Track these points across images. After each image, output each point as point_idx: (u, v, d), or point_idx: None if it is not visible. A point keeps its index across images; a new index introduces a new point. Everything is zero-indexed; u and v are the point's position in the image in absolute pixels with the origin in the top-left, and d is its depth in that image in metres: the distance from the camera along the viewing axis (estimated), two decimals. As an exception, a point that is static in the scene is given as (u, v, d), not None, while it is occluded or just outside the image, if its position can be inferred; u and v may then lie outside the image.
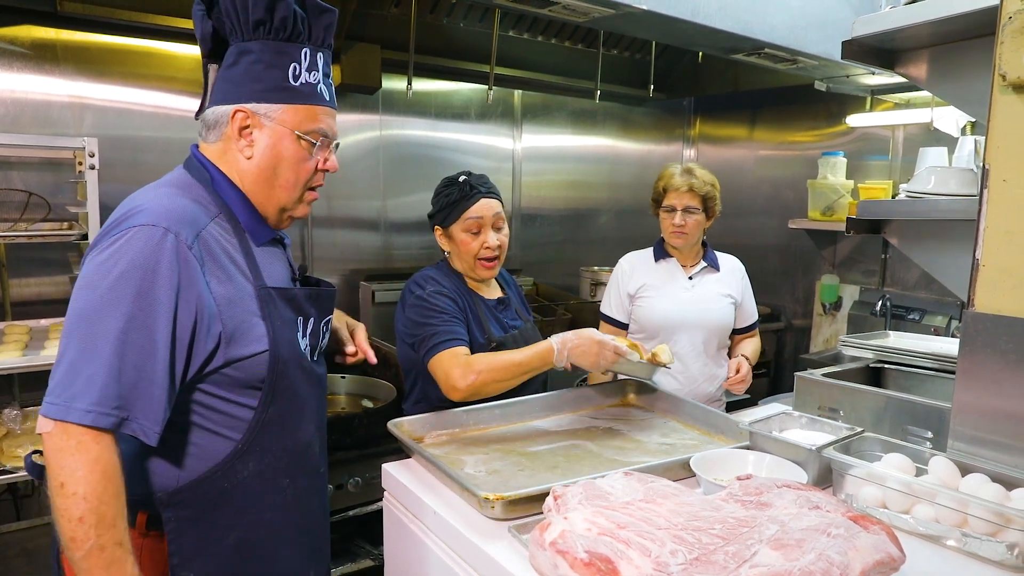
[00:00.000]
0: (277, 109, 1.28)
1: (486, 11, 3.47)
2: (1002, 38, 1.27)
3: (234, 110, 1.28)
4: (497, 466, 1.52)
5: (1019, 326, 1.29)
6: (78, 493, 1.06)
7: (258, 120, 1.28)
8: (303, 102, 1.30)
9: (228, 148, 1.31)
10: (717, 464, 1.41)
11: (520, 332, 2.01)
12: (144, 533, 1.21)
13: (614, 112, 4.45)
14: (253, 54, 1.26)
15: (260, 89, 1.27)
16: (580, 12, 2.24)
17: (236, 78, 1.27)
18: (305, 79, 1.29)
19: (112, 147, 2.74)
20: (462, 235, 1.94)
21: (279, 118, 1.28)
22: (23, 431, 2.29)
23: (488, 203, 1.94)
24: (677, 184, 2.37)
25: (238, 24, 1.25)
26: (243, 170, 1.32)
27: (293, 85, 1.28)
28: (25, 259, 2.68)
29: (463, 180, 1.95)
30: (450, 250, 2.00)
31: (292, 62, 1.28)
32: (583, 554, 0.96)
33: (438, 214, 1.99)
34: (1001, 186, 1.31)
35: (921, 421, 1.63)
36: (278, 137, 1.29)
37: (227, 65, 1.28)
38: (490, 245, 1.93)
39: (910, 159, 3.54)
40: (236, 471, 1.25)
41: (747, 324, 2.54)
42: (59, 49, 2.73)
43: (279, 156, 1.30)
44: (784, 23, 2.58)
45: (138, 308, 1.12)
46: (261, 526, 1.29)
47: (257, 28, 1.25)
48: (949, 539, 1.18)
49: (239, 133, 1.29)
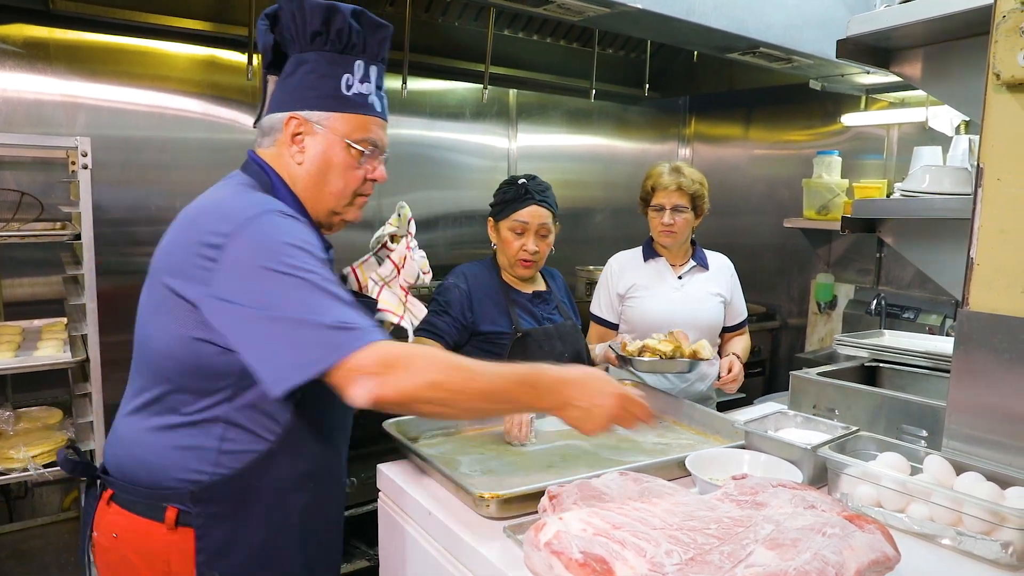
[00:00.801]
0: (328, 117, 1.32)
1: (481, 10, 3.47)
2: (996, 37, 1.27)
3: (288, 116, 1.32)
4: (492, 466, 1.51)
5: (1013, 324, 1.29)
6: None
7: (310, 127, 1.32)
8: (354, 111, 1.34)
9: (281, 153, 1.36)
10: (712, 463, 1.41)
11: (556, 328, 2.14)
12: (172, 528, 1.21)
13: (609, 111, 4.45)
14: (309, 64, 1.31)
15: (313, 97, 1.32)
16: (575, 11, 2.23)
17: (292, 87, 1.33)
18: (357, 90, 1.34)
19: (105, 147, 2.73)
20: (507, 233, 2.10)
21: (330, 126, 1.33)
22: (15, 432, 2.27)
23: (538, 211, 2.08)
24: (665, 183, 2.37)
25: (297, 35, 1.31)
26: (294, 175, 1.36)
27: (345, 94, 1.33)
28: (18, 259, 2.67)
29: (521, 183, 2.10)
30: (497, 243, 2.16)
31: (345, 73, 1.32)
32: (578, 554, 0.95)
33: (494, 206, 2.15)
34: (995, 185, 1.31)
35: (916, 420, 1.63)
36: (328, 144, 1.33)
37: (285, 75, 1.34)
38: (527, 250, 2.08)
39: (905, 158, 3.54)
40: (268, 471, 1.27)
41: (737, 322, 2.54)
42: (52, 48, 2.72)
43: (329, 163, 1.34)
44: (779, 22, 2.58)
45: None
46: (286, 528, 1.31)
47: (314, 39, 1.30)
48: (944, 538, 1.19)
49: (292, 139, 1.34)
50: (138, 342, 1.30)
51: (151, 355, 1.26)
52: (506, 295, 2.12)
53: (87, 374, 2.25)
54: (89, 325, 2.20)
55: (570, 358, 2.13)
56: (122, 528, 1.25)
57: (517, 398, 1.21)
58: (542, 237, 2.11)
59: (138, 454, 1.25)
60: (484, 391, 1.16)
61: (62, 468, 1.37)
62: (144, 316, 1.27)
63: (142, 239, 2.91)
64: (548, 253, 2.16)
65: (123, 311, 2.74)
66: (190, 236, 1.21)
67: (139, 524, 1.23)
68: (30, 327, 2.48)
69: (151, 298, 1.25)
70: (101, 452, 2.25)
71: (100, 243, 2.20)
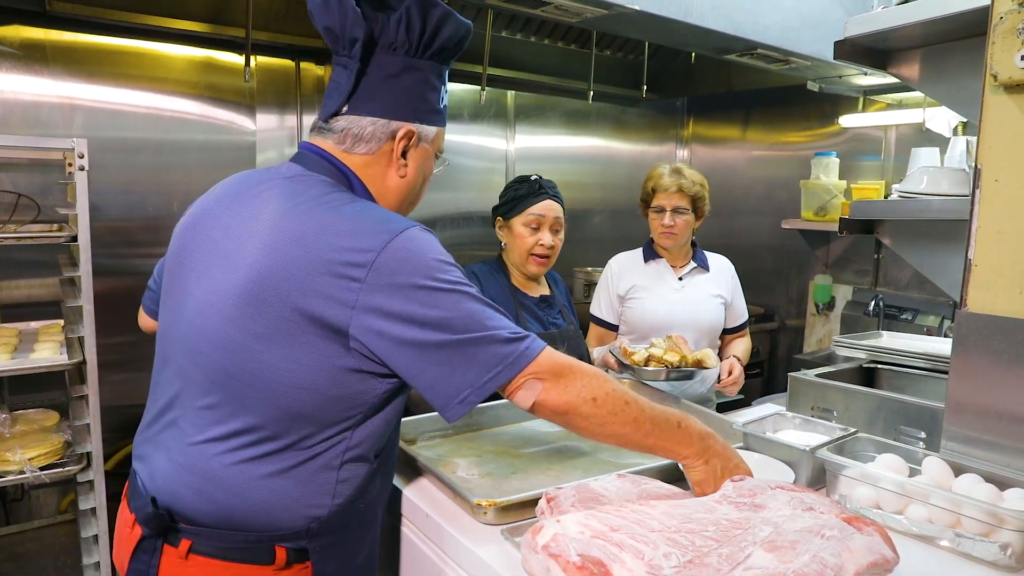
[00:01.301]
0: (434, 131, 1.28)
1: (479, 11, 3.46)
2: (993, 38, 1.27)
3: (405, 130, 1.22)
4: (490, 468, 1.51)
5: (1012, 326, 1.29)
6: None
7: (418, 140, 1.25)
8: (444, 124, 1.31)
9: (377, 162, 1.24)
10: None
11: (560, 332, 2.12)
12: (281, 568, 1.11)
13: (607, 113, 4.45)
14: (422, 73, 1.22)
15: (426, 110, 1.25)
16: (573, 12, 2.23)
17: (405, 93, 1.21)
18: (444, 100, 1.30)
19: (102, 148, 2.73)
20: (521, 228, 2.09)
21: (432, 140, 1.28)
22: (12, 435, 2.27)
23: (552, 205, 2.10)
24: (666, 184, 2.37)
25: (417, 40, 1.19)
26: (390, 187, 1.26)
27: (440, 108, 1.29)
28: (14, 261, 2.66)
29: (534, 179, 2.12)
30: (507, 242, 2.15)
31: (443, 84, 1.28)
32: (575, 557, 0.95)
33: (503, 206, 2.14)
34: (993, 186, 1.31)
35: (914, 421, 1.63)
36: (426, 157, 1.29)
37: (388, 75, 1.20)
38: (544, 243, 2.08)
39: (902, 159, 3.55)
40: (369, 491, 1.21)
41: (737, 324, 2.54)
42: (48, 49, 2.71)
43: (425, 176, 1.31)
44: (777, 23, 2.58)
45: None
46: (376, 541, 1.28)
47: (439, 53, 1.23)
48: (942, 540, 1.18)
49: (401, 151, 1.24)
50: (239, 375, 1.09)
51: (270, 389, 1.08)
52: (514, 298, 2.11)
53: (84, 376, 2.24)
54: (86, 327, 2.19)
55: None
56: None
57: (666, 435, 1.19)
58: (555, 232, 2.11)
59: (250, 496, 1.09)
60: (637, 419, 1.15)
61: (143, 525, 1.12)
62: (254, 346, 1.08)
63: (139, 241, 2.90)
64: (559, 249, 2.15)
65: (120, 313, 2.74)
66: (319, 255, 1.06)
67: (239, 571, 1.10)
68: (27, 329, 2.48)
69: (263, 327, 1.07)
70: (100, 453, 2.24)
71: (97, 245, 2.19)
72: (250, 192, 1.21)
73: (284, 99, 3.26)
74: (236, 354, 1.09)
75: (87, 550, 2.31)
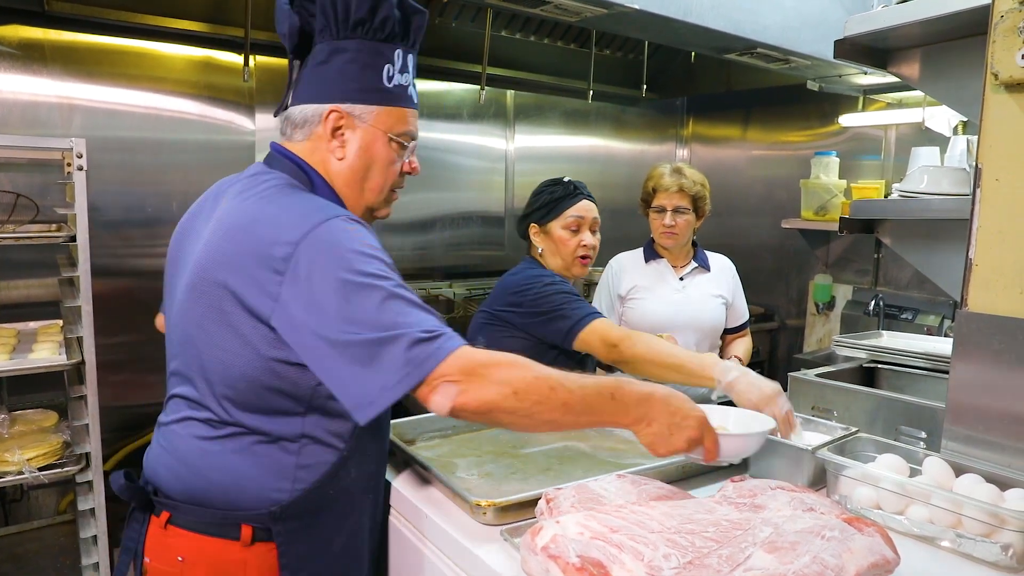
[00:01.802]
0: (372, 111, 1.26)
1: (478, 11, 3.46)
2: (994, 37, 1.27)
3: (328, 110, 1.25)
4: (489, 469, 1.51)
5: (1012, 325, 1.28)
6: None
7: (352, 121, 1.26)
8: (396, 104, 1.28)
9: (317, 147, 1.27)
10: None
11: None
12: (247, 545, 1.16)
13: (607, 112, 4.45)
14: (348, 53, 1.23)
15: (356, 89, 1.25)
16: (572, 12, 2.23)
17: (329, 77, 1.24)
18: (398, 81, 1.28)
19: (101, 148, 2.73)
20: (561, 232, 2.01)
21: (373, 120, 1.26)
22: (11, 435, 2.27)
23: (589, 205, 2.04)
24: (667, 184, 2.36)
25: (335, 22, 1.22)
26: (333, 171, 1.28)
27: (387, 86, 1.27)
28: (13, 261, 2.66)
29: (568, 181, 2.06)
30: (545, 247, 2.06)
31: (387, 63, 1.26)
32: (575, 558, 0.95)
33: (537, 211, 2.05)
34: (994, 185, 1.31)
35: (915, 421, 1.62)
36: (371, 139, 1.27)
37: (317, 63, 1.25)
38: (587, 244, 2.02)
39: (902, 159, 3.55)
40: (340, 478, 1.23)
41: (738, 324, 2.53)
42: (47, 49, 2.71)
43: (372, 158, 1.28)
44: (776, 23, 2.58)
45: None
46: (359, 529, 1.30)
47: (356, 28, 1.22)
48: (943, 540, 1.18)
49: (332, 133, 1.26)
50: (192, 363, 1.18)
51: (217, 377, 1.15)
52: None
53: (83, 376, 2.24)
54: (84, 327, 2.19)
55: (592, 364, 2.11)
56: (190, 551, 1.18)
57: (600, 411, 1.14)
58: (594, 232, 2.06)
59: (209, 476, 1.17)
60: (567, 402, 1.10)
61: (119, 494, 1.23)
62: (201, 334, 1.16)
63: (138, 241, 2.90)
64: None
65: (119, 313, 2.75)
66: (250, 247, 1.11)
67: (211, 544, 1.16)
68: (25, 329, 2.48)
69: (203, 316, 1.15)
70: (99, 454, 2.24)
71: (96, 245, 2.19)
72: (219, 195, 1.28)
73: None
74: (190, 345, 1.18)
75: (86, 551, 2.31)
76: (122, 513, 2.50)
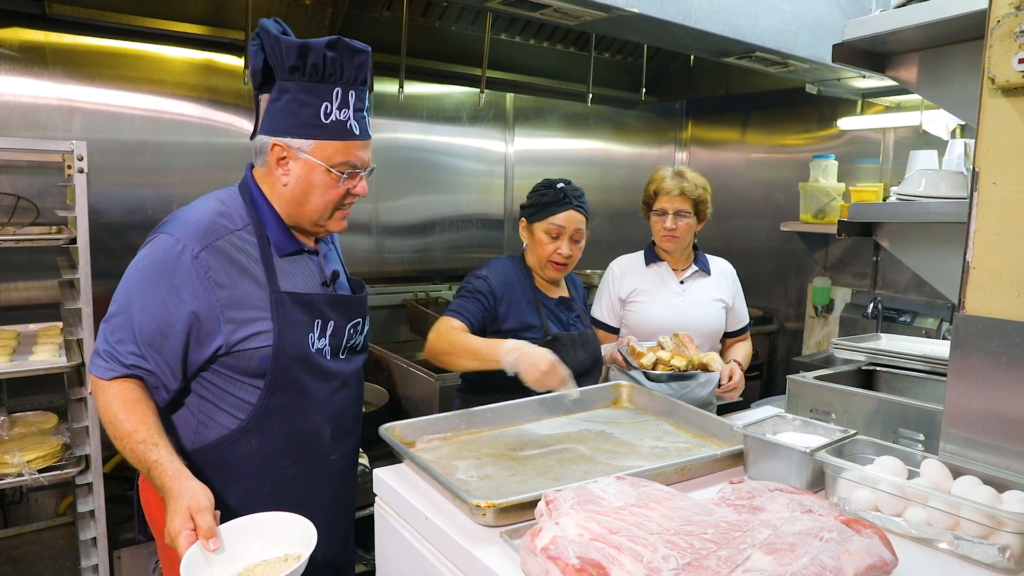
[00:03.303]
0: (309, 144, 1.45)
1: (478, 14, 3.47)
2: (991, 41, 1.28)
3: (272, 143, 1.46)
4: (489, 471, 1.51)
5: (1010, 328, 1.29)
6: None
7: (293, 153, 1.46)
8: (332, 138, 1.46)
9: (269, 173, 1.51)
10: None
11: (580, 335, 2.12)
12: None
13: (606, 115, 4.46)
14: (290, 93, 1.43)
15: (294, 125, 1.44)
16: (572, 15, 2.24)
17: (277, 112, 1.45)
18: (336, 117, 1.45)
19: (101, 150, 2.73)
20: (541, 235, 2.07)
21: (311, 152, 1.45)
22: (11, 437, 2.26)
23: (575, 215, 2.06)
24: (668, 187, 2.37)
25: (278, 66, 1.42)
26: (279, 194, 1.51)
27: (324, 122, 1.44)
28: (13, 263, 2.66)
29: (560, 187, 2.08)
30: (528, 243, 2.15)
31: (324, 101, 1.43)
32: (575, 560, 0.95)
33: (529, 207, 2.12)
34: (991, 189, 1.32)
35: (913, 423, 1.63)
36: (309, 169, 1.47)
37: (272, 99, 1.45)
38: (561, 252, 2.07)
39: (900, 162, 3.56)
40: (239, 445, 1.49)
41: (738, 328, 2.54)
42: (48, 52, 2.71)
43: (310, 185, 1.48)
44: (775, 26, 2.59)
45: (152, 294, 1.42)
46: (260, 496, 1.50)
47: (292, 72, 1.41)
48: (941, 542, 1.18)
49: (276, 163, 1.48)
50: None
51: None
52: (536, 298, 2.10)
53: (83, 378, 2.24)
54: (85, 329, 2.19)
55: (589, 366, 2.13)
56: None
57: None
58: (575, 242, 2.09)
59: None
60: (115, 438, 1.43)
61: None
62: None
63: (138, 243, 2.88)
64: (579, 257, 2.15)
65: (119, 315, 2.74)
66: None
67: None
68: (25, 331, 2.48)
69: None
70: (98, 456, 2.24)
71: (96, 247, 2.19)
72: None
73: (283, 102, 3.26)
74: None
75: (85, 553, 2.31)
76: (121, 515, 2.51)
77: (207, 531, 1.19)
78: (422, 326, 3.33)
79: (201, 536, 1.19)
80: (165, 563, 1.59)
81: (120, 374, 1.40)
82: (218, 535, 1.21)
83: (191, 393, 1.49)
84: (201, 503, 1.23)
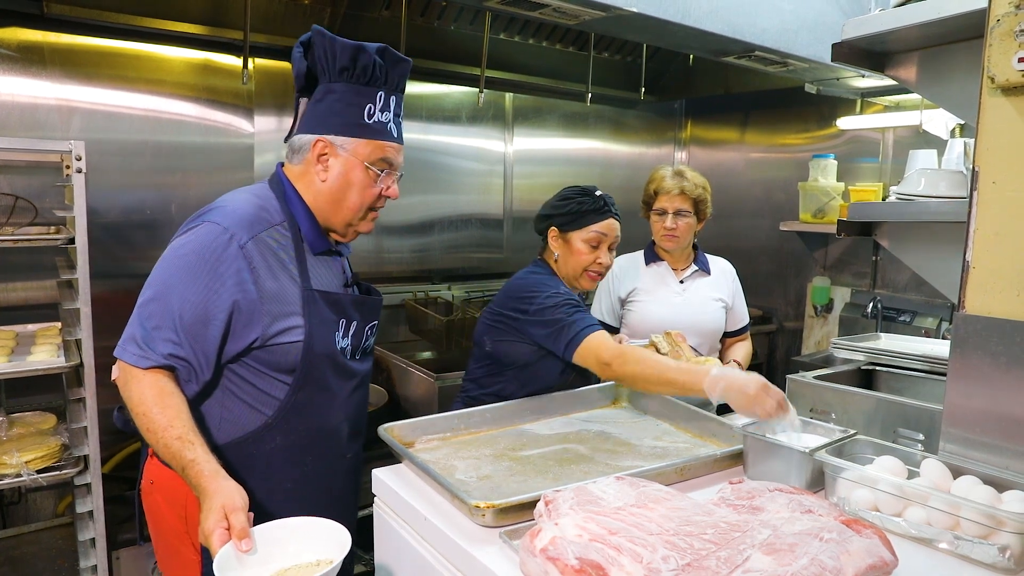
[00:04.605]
0: (351, 142, 1.51)
1: (477, 14, 3.47)
2: (990, 40, 1.28)
3: (316, 139, 1.52)
4: (488, 471, 1.51)
5: (1009, 327, 1.29)
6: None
7: (335, 150, 1.52)
8: (373, 137, 1.52)
9: (307, 171, 1.55)
10: None
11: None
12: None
13: (605, 115, 4.45)
14: (336, 93, 1.49)
15: (339, 123, 1.50)
16: (571, 15, 2.24)
17: (321, 112, 1.51)
18: (377, 118, 1.53)
19: (100, 151, 2.72)
20: (580, 244, 2.00)
21: (352, 149, 1.52)
22: (9, 437, 2.26)
23: (614, 224, 2.03)
24: (668, 187, 2.37)
25: (327, 68, 1.48)
26: (316, 191, 1.55)
27: (367, 122, 1.51)
28: (11, 263, 2.66)
29: (600, 194, 2.03)
30: (560, 253, 2.04)
31: (368, 103, 1.51)
32: (574, 560, 0.95)
33: (561, 216, 2.02)
34: (991, 188, 1.31)
35: (912, 423, 1.63)
36: (350, 166, 1.53)
37: (315, 100, 1.52)
38: (602, 262, 2.01)
39: (900, 161, 3.55)
40: (264, 441, 1.52)
41: (738, 327, 2.54)
42: (46, 51, 2.71)
43: (349, 182, 1.54)
44: (774, 26, 2.58)
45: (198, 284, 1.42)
46: (282, 492, 1.54)
47: (342, 73, 1.48)
48: (941, 542, 1.18)
49: (317, 159, 1.53)
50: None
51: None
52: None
53: (81, 379, 2.24)
54: (83, 330, 2.18)
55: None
56: (156, 477, 1.50)
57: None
58: (612, 250, 2.05)
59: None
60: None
61: (123, 429, 1.52)
62: None
63: (137, 243, 2.90)
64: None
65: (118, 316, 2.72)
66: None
67: (167, 474, 1.43)
68: (24, 331, 2.47)
69: None
70: (97, 456, 2.24)
71: (95, 247, 2.19)
72: None
73: (282, 101, 3.25)
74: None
75: (84, 553, 2.30)
76: (120, 515, 2.51)
77: (240, 531, 1.18)
78: (421, 326, 3.33)
79: (234, 536, 1.18)
80: (164, 564, 1.59)
81: (156, 363, 1.39)
82: (251, 536, 1.19)
83: (217, 387, 1.50)
84: (236, 503, 1.22)
